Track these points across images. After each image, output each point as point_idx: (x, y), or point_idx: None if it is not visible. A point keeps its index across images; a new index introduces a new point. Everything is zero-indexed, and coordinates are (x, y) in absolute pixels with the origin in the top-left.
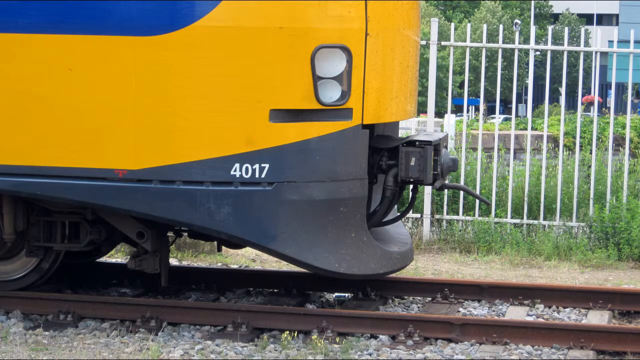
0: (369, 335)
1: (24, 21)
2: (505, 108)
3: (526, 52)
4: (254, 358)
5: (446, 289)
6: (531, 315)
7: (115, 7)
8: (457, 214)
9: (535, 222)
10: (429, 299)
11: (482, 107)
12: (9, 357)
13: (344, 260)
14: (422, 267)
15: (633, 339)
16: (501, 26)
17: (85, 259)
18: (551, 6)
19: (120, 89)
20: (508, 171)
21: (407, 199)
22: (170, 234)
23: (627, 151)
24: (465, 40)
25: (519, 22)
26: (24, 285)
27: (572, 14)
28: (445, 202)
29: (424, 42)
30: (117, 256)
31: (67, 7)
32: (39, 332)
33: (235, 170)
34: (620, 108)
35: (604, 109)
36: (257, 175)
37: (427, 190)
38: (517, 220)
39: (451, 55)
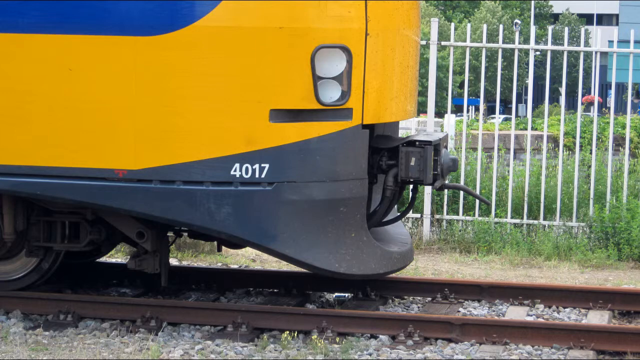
0: (369, 335)
1: (24, 21)
2: (505, 108)
3: (526, 52)
4: (254, 358)
5: (446, 289)
6: (531, 315)
7: (115, 7)
8: (457, 214)
9: (535, 222)
10: (429, 299)
11: (482, 107)
12: (9, 357)
13: (344, 260)
14: (422, 267)
15: (633, 339)
16: (501, 26)
17: (85, 259)
18: (551, 6)
19: (120, 89)
20: (508, 171)
21: (407, 199)
22: (170, 234)
23: (627, 151)
24: (465, 40)
25: (519, 22)
26: (24, 285)
27: (572, 14)
28: (445, 202)
29: (424, 42)
30: (117, 256)
31: (67, 7)
32: (39, 332)
33: (235, 170)
34: (620, 108)
35: (604, 109)
36: (257, 175)
37: (427, 190)
38: (517, 220)
39: (451, 55)
